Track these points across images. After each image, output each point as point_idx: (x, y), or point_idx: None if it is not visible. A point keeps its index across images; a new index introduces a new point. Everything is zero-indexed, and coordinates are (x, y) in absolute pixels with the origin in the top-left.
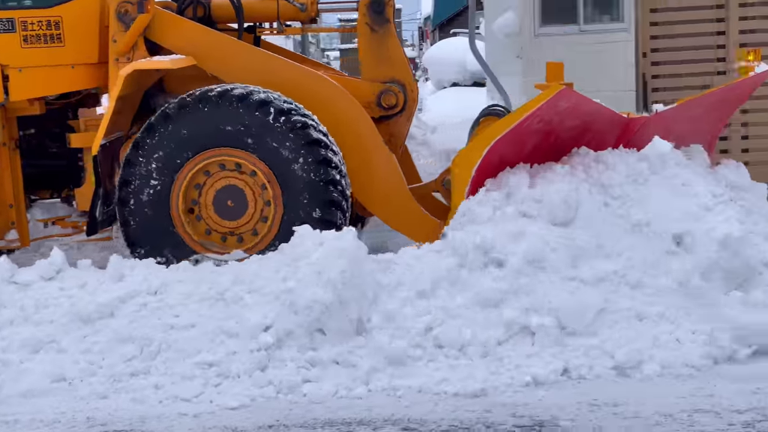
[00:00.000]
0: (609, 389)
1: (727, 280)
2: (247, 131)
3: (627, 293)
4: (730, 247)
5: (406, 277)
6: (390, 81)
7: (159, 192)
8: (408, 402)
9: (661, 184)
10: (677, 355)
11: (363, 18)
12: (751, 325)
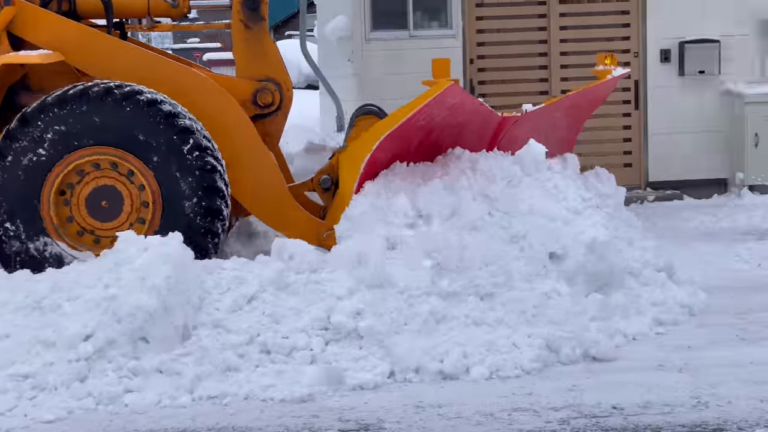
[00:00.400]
0: (435, 392)
1: (588, 284)
2: (129, 131)
3: (474, 301)
4: (596, 251)
5: (234, 283)
6: (265, 79)
7: (28, 191)
8: (234, 410)
9: (534, 187)
10: (507, 359)
11: (237, 15)
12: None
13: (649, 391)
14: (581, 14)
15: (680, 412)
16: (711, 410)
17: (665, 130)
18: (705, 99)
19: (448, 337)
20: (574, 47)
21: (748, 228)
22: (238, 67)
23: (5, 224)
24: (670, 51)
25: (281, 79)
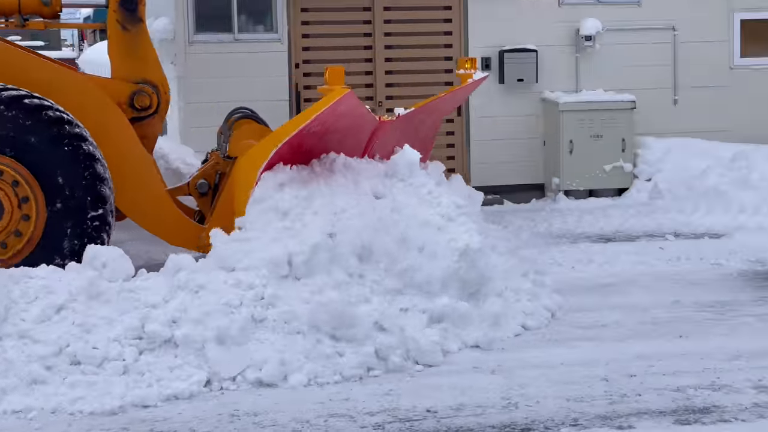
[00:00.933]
0: (252, 400)
1: (461, 290)
2: (13, 136)
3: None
4: (468, 257)
5: (42, 292)
6: (142, 81)
7: None
8: (40, 424)
9: (409, 193)
10: (327, 365)
11: (114, 16)
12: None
13: (463, 393)
14: (405, 21)
15: (491, 413)
16: (520, 410)
17: (486, 137)
18: (524, 106)
19: (267, 345)
20: (399, 53)
21: (563, 231)
22: (114, 69)
23: None
24: (491, 59)
25: (158, 81)
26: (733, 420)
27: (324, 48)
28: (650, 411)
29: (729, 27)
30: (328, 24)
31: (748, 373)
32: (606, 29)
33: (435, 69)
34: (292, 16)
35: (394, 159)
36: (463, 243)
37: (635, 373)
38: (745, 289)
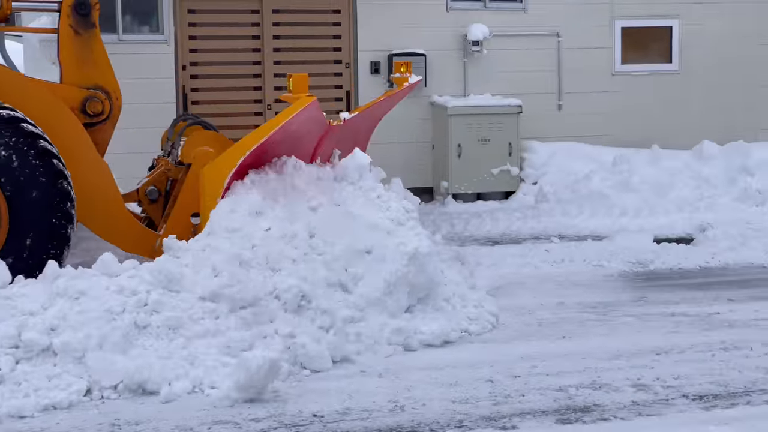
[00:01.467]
0: (134, 409)
1: (410, 294)
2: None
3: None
4: (418, 261)
5: None
6: (94, 87)
7: None
8: None
9: (358, 196)
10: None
11: (66, 20)
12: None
13: (350, 397)
14: (294, 24)
15: (378, 416)
16: (407, 413)
17: (375, 140)
18: (412, 111)
19: (150, 351)
20: (288, 56)
21: (451, 235)
22: (65, 74)
23: None
24: (380, 63)
25: (110, 87)
26: (613, 418)
27: (212, 50)
28: (533, 411)
29: (611, 34)
30: (215, 26)
31: (627, 372)
32: (493, 35)
33: (325, 72)
34: (179, 17)
35: (344, 162)
36: (413, 247)
37: (519, 374)
38: (625, 289)
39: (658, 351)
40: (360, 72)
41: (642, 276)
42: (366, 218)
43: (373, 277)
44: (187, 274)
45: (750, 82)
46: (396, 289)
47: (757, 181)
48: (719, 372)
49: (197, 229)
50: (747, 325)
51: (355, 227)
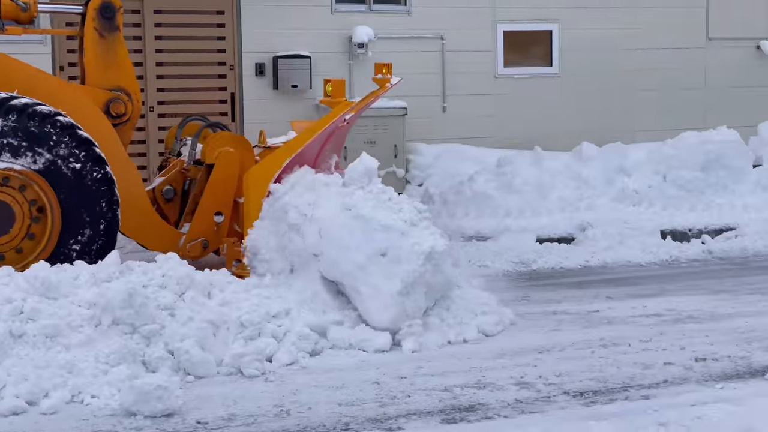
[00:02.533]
0: (8, 420)
1: (428, 295)
2: (29, 144)
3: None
4: (433, 260)
5: None
6: (116, 89)
7: None
8: None
9: (369, 199)
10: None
11: (92, 23)
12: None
13: (235, 403)
14: (177, 25)
15: (263, 421)
16: (292, 417)
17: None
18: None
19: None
20: (171, 58)
21: None
22: (90, 76)
23: None
24: (265, 65)
25: (131, 89)
26: (497, 417)
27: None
28: (419, 411)
29: (493, 37)
30: None
31: (511, 371)
32: (378, 37)
33: (209, 74)
34: (56, 17)
35: (353, 167)
36: (428, 246)
37: (405, 374)
38: (509, 289)
39: (540, 349)
40: (244, 74)
41: (525, 275)
42: (379, 220)
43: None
44: (65, 280)
45: (626, 86)
46: (413, 290)
47: (634, 181)
48: (599, 368)
49: (220, 227)
50: (625, 322)
51: (367, 230)
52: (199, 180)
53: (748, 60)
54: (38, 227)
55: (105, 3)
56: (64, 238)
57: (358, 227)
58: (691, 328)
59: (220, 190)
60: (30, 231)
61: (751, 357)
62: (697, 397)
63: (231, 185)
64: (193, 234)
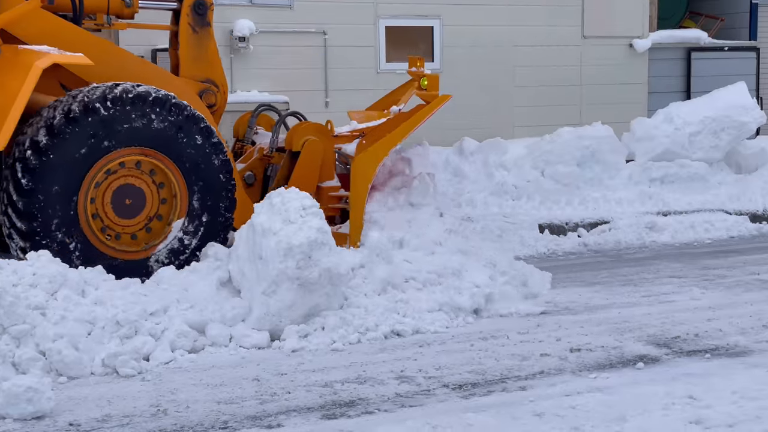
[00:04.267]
0: None
1: (305, 290)
2: (163, 132)
3: None
4: (297, 255)
5: None
6: (207, 81)
7: (65, 191)
8: None
9: (265, 204)
10: None
11: (186, 19)
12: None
13: (110, 403)
14: None
15: (139, 421)
16: (170, 417)
17: None
18: None
19: None
20: None
21: None
22: (183, 68)
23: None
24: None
25: (220, 80)
26: (377, 411)
27: None
28: (299, 408)
29: (375, 33)
30: None
31: (391, 365)
32: (259, 31)
33: None
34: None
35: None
36: (297, 241)
37: (286, 371)
38: None
39: (420, 343)
40: None
41: None
42: (261, 224)
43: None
44: None
45: (506, 82)
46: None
47: (513, 176)
48: (478, 361)
49: None
50: (503, 314)
51: (253, 234)
52: (282, 166)
53: (621, 58)
54: (165, 209)
55: (198, 0)
56: (189, 219)
57: (247, 234)
58: (567, 320)
59: (305, 175)
60: (158, 213)
61: (623, 347)
62: (572, 387)
63: (315, 171)
64: None
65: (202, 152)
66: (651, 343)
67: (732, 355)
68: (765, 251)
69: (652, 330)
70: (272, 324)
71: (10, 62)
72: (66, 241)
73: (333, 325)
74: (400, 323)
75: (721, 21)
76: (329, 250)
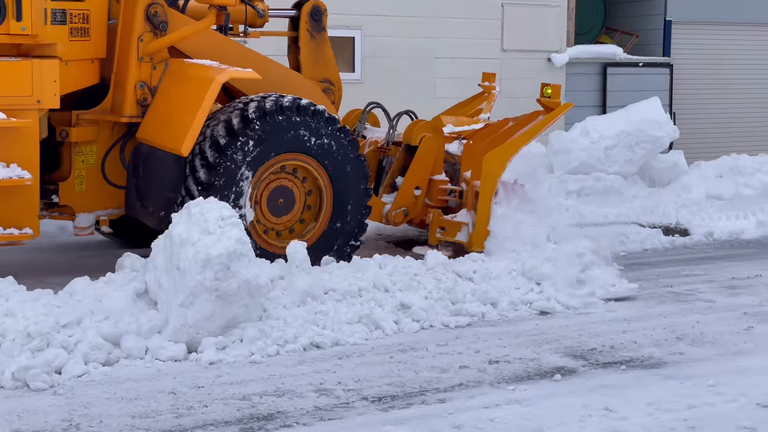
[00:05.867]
0: None
1: (224, 301)
2: (318, 140)
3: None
4: (216, 266)
5: None
6: (325, 80)
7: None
8: None
9: (183, 214)
10: None
11: (305, 25)
12: None
13: (20, 418)
14: None
15: None
16: (82, 431)
17: None
18: None
19: None
20: None
21: None
22: (304, 70)
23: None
24: None
25: (335, 79)
26: (295, 425)
27: None
28: (216, 422)
29: None
30: None
31: (311, 378)
32: None
33: None
34: None
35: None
36: (215, 252)
37: (203, 384)
38: None
39: (340, 355)
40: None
41: None
42: (179, 234)
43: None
44: None
45: (426, 93)
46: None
47: None
48: (397, 373)
49: (418, 199)
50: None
51: (171, 245)
52: (397, 159)
53: (540, 72)
54: (309, 214)
55: (315, 7)
56: (332, 220)
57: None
58: (485, 332)
59: (421, 169)
60: (302, 216)
61: (541, 359)
62: (491, 399)
63: (429, 165)
64: (397, 204)
65: (343, 151)
66: (568, 354)
67: (647, 366)
68: (677, 264)
69: (569, 342)
70: (189, 336)
71: (177, 74)
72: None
73: (251, 337)
74: (320, 335)
75: (636, 37)
76: (248, 261)
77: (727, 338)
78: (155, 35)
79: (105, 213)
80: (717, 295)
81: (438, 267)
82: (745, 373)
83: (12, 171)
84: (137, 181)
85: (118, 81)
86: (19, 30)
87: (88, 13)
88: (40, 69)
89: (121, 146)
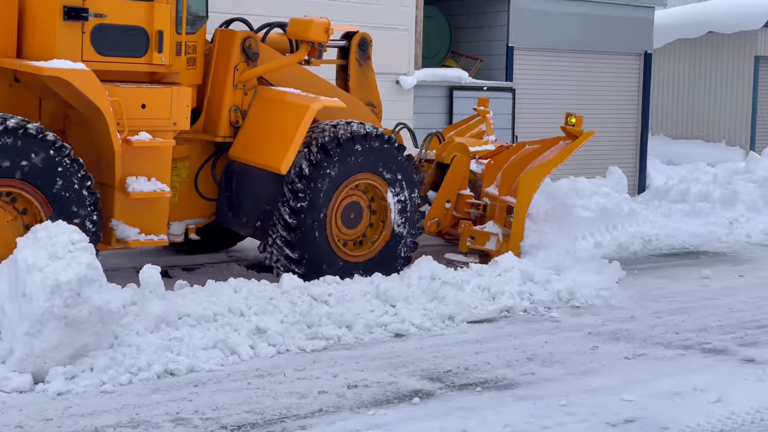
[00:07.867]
0: None
1: (73, 328)
2: (384, 162)
3: None
4: (65, 293)
5: None
6: (369, 104)
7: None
8: None
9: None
10: None
11: (354, 55)
12: None
13: None
14: None
15: None
16: None
17: None
18: None
19: None
20: None
21: None
22: (353, 94)
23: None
24: None
25: (377, 102)
26: None
27: None
28: None
29: None
30: None
31: (166, 407)
32: None
33: None
34: None
35: None
36: (64, 278)
37: (52, 416)
38: None
39: (196, 382)
40: None
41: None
42: (26, 259)
43: None
44: None
45: None
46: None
47: None
48: (255, 400)
49: (448, 212)
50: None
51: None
52: (429, 174)
53: (389, 94)
54: (376, 219)
55: (363, 38)
56: (394, 231)
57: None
58: (342, 355)
59: (452, 184)
60: (371, 222)
61: (398, 382)
62: (351, 425)
63: (459, 181)
64: (431, 215)
65: (402, 166)
66: (425, 377)
67: (501, 387)
68: None
69: (425, 364)
70: (36, 366)
71: (267, 100)
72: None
73: (102, 365)
74: (174, 362)
75: (480, 61)
76: (100, 287)
77: (575, 358)
78: (248, 65)
79: (194, 222)
80: (562, 315)
81: (293, 290)
82: (594, 392)
83: (154, 185)
84: (230, 194)
85: (212, 104)
86: (159, 61)
87: (196, 44)
88: (178, 95)
89: (213, 163)
